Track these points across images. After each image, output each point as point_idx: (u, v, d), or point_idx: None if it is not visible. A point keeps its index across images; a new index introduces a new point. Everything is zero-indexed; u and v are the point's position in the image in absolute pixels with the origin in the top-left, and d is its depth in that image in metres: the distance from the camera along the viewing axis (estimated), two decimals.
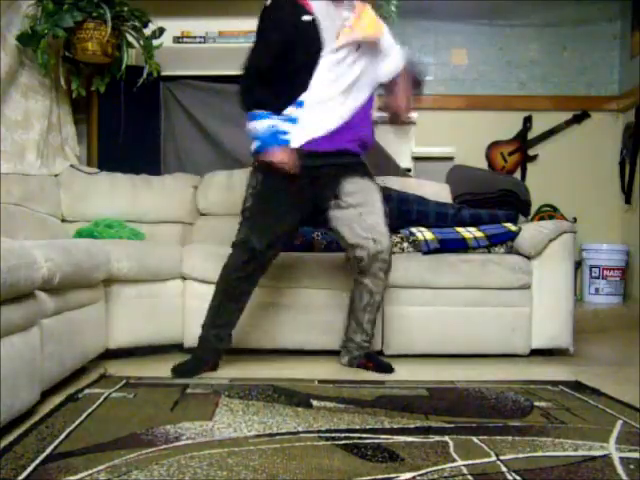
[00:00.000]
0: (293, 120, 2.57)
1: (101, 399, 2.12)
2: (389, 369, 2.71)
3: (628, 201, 5.10)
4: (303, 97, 2.56)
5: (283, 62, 2.54)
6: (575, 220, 5.07)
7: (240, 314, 2.68)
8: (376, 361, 2.77)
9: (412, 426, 1.88)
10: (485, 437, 1.76)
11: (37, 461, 1.54)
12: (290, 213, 2.61)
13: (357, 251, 2.65)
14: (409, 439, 1.74)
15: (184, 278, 3.07)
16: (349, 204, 2.64)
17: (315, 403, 2.12)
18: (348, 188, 2.65)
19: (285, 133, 2.55)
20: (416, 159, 4.32)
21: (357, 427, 1.86)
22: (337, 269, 3.02)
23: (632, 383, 2.51)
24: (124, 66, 3.64)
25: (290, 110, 2.56)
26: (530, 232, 3.19)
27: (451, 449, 1.66)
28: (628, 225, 5.09)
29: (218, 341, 2.64)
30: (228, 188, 3.71)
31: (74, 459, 1.56)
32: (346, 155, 2.66)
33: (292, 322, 3.02)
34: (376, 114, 4.30)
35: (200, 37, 4.08)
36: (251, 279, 2.62)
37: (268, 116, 2.54)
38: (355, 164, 2.70)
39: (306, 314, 3.02)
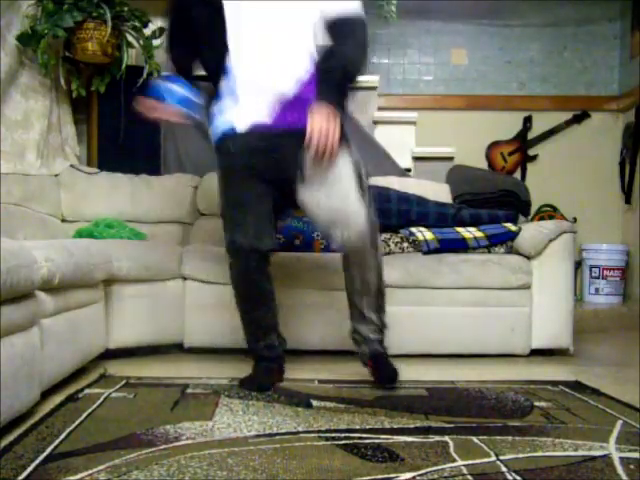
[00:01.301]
0: (232, 94, 2.33)
1: (101, 399, 2.12)
2: (390, 379, 2.35)
3: (628, 201, 5.09)
4: (229, 62, 2.31)
5: (195, 26, 2.36)
6: (575, 220, 5.07)
7: (275, 313, 2.46)
8: (380, 366, 2.40)
9: (412, 426, 1.88)
10: (485, 437, 1.76)
11: (37, 461, 1.53)
12: (258, 199, 2.34)
13: (332, 230, 2.31)
14: (409, 439, 1.74)
15: (184, 278, 3.07)
16: (312, 177, 2.28)
17: (315, 403, 2.12)
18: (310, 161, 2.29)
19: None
20: (416, 159, 4.32)
21: (357, 427, 1.86)
22: (337, 269, 3.02)
23: (632, 383, 2.51)
24: (124, 66, 3.64)
25: (224, 87, 2.34)
26: (530, 232, 3.19)
27: (451, 449, 1.66)
28: (628, 225, 5.09)
29: (271, 350, 2.45)
30: None
31: (74, 459, 1.56)
32: (300, 130, 2.22)
33: (292, 322, 3.02)
34: (376, 114, 4.33)
35: None
36: (261, 276, 2.38)
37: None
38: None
39: (306, 314, 3.02)
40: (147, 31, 3.71)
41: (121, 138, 3.82)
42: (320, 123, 2.13)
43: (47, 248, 2.12)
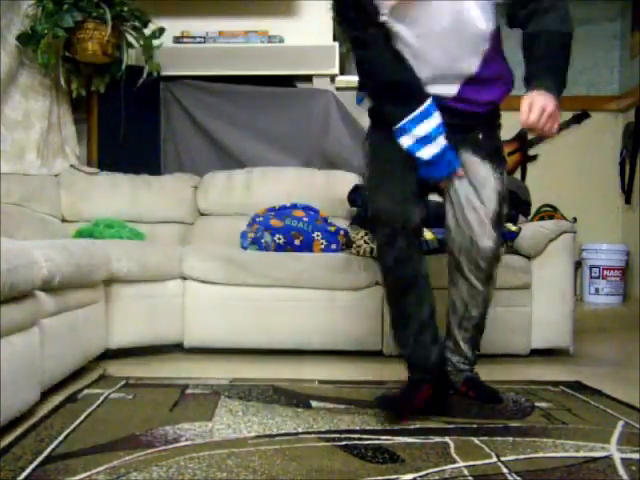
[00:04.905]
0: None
1: (100, 400, 2.12)
2: (491, 397, 2.17)
3: (628, 201, 5.10)
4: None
5: None
6: (575, 220, 5.06)
7: (428, 308, 2.12)
8: (476, 387, 2.21)
9: (412, 427, 1.87)
10: (486, 438, 1.76)
11: (36, 462, 1.53)
12: (407, 171, 2.11)
13: (449, 242, 2.26)
14: (409, 440, 1.74)
15: (184, 278, 3.06)
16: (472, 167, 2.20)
17: (315, 404, 2.12)
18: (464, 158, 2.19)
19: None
20: None
21: (357, 428, 1.86)
22: (337, 269, 3.02)
23: (632, 383, 2.50)
24: (124, 66, 3.64)
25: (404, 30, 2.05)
26: (530, 232, 3.19)
27: (452, 450, 1.66)
28: (628, 225, 5.09)
29: (424, 349, 2.06)
30: (228, 188, 3.71)
31: (73, 460, 1.55)
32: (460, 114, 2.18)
33: (292, 322, 3.02)
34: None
35: (200, 37, 4.08)
36: (411, 257, 2.08)
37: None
38: (467, 128, 2.24)
39: (306, 314, 3.01)
40: (147, 31, 3.71)
41: (121, 138, 3.82)
42: (545, 103, 1.96)
43: (47, 248, 2.12)
